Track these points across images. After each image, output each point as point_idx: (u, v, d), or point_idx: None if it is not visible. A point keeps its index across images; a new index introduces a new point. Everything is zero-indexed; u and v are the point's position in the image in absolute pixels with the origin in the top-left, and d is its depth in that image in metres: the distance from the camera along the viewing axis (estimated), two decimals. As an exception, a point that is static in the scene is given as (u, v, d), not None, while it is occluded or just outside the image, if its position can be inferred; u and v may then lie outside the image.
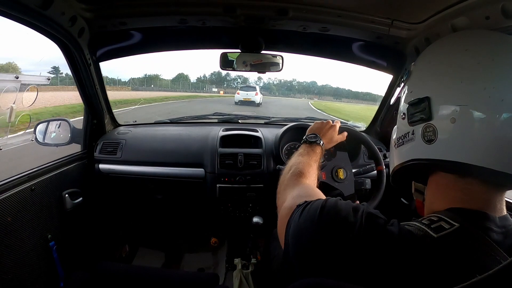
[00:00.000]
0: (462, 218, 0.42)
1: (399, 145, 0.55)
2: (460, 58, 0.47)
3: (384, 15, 1.11)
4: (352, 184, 1.22)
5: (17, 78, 1.40)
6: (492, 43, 0.47)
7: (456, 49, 0.49)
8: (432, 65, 0.52)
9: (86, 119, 1.51)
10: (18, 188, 1.03)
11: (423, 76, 0.53)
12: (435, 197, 0.50)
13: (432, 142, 0.47)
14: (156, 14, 1.15)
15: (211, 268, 1.77)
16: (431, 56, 0.54)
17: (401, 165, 0.54)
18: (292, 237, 0.48)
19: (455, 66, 0.47)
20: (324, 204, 0.47)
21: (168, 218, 1.88)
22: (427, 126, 0.48)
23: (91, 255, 1.46)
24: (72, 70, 1.29)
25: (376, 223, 0.42)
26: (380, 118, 1.67)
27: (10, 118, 1.29)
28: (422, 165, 0.50)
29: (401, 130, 0.55)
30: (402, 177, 0.58)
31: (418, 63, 0.55)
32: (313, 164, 0.81)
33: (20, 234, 1.03)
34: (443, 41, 0.54)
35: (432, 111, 0.47)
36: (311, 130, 0.98)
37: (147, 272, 1.24)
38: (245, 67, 1.37)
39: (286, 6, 1.09)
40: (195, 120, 1.95)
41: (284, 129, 1.56)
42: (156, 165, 1.50)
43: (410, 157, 0.51)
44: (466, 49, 0.47)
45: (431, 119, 0.47)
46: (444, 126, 0.46)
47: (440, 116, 0.46)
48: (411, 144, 0.51)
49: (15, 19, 0.88)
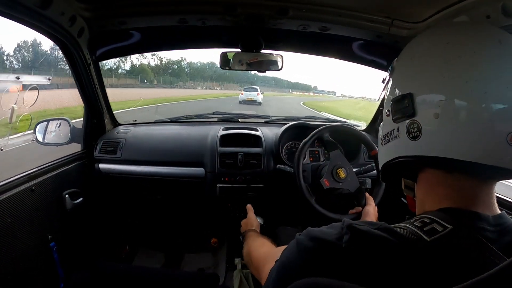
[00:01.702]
0: (455, 219, 0.41)
1: (385, 143, 0.55)
2: (441, 52, 0.46)
3: (385, 14, 1.11)
4: (355, 179, 1.23)
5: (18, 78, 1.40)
6: (473, 36, 0.46)
7: (436, 43, 0.49)
8: (414, 61, 0.51)
9: (86, 119, 1.51)
10: (18, 188, 1.03)
11: (405, 71, 0.52)
12: (425, 195, 0.49)
13: (417, 139, 0.46)
14: (155, 14, 1.15)
15: (211, 268, 1.77)
16: (412, 51, 0.53)
17: (388, 163, 0.54)
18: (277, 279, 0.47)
19: (436, 60, 0.46)
20: (299, 238, 0.47)
21: (168, 218, 1.88)
22: (412, 123, 0.47)
23: (91, 256, 1.46)
24: (72, 69, 1.29)
25: (360, 231, 0.41)
26: (380, 117, 1.66)
27: (11, 119, 1.29)
28: (409, 162, 0.49)
29: (387, 127, 0.54)
30: (391, 174, 0.57)
31: (400, 58, 0.54)
32: (258, 239, 0.93)
33: (20, 235, 1.03)
34: (424, 35, 0.53)
35: (415, 107, 0.47)
36: (242, 230, 1.09)
37: (147, 272, 1.24)
38: (245, 66, 1.37)
39: (286, 5, 1.09)
40: (195, 119, 1.95)
41: (284, 128, 1.56)
42: (156, 164, 1.50)
43: (396, 155, 0.51)
44: (447, 42, 0.46)
45: (414, 115, 0.47)
46: (428, 122, 0.45)
47: (423, 111, 0.46)
48: (397, 141, 0.51)
49: (14, 19, 0.88)
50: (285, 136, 1.56)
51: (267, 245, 0.86)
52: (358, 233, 0.41)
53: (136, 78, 25.09)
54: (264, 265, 0.70)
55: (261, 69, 1.38)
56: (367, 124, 1.82)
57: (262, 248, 0.85)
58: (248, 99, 14.05)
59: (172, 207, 1.78)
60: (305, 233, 0.48)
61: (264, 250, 0.82)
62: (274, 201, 1.57)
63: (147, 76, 27.63)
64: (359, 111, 16.99)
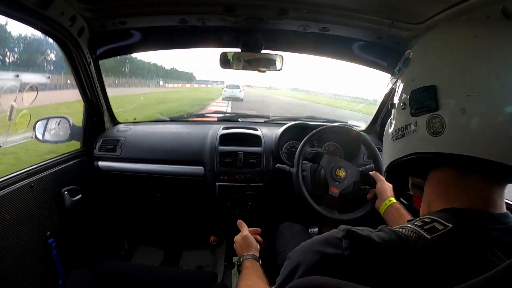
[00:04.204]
0: (457, 218, 0.41)
1: (398, 138, 0.51)
2: (469, 45, 0.44)
3: (385, 15, 1.11)
4: (354, 169, 1.23)
5: (18, 76, 1.40)
6: (502, 31, 0.45)
7: (462, 35, 0.46)
8: (437, 52, 0.48)
9: (86, 117, 1.51)
10: (17, 185, 1.03)
11: (426, 62, 0.50)
12: (436, 194, 0.48)
13: (439, 134, 0.44)
14: (156, 14, 1.15)
15: (209, 266, 1.78)
16: (433, 42, 0.50)
17: (400, 159, 0.51)
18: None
19: (464, 53, 0.44)
20: (299, 249, 0.46)
21: (167, 216, 1.88)
22: (433, 117, 0.44)
23: (90, 253, 1.47)
24: (72, 68, 1.29)
25: (361, 237, 0.41)
26: (380, 117, 1.66)
27: (10, 116, 1.29)
28: (424, 159, 0.47)
29: (400, 121, 0.51)
30: (399, 172, 0.55)
31: (419, 49, 0.52)
32: (260, 281, 0.81)
33: (19, 231, 1.04)
34: (446, 27, 0.51)
35: (439, 100, 0.44)
36: (239, 254, 0.97)
37: (146, 270, 1.25)
38: (244, 66, 1.37)
39: (286, 6, 1.09)
40: (195, 118, 1.96)
41: (284, 128, 1.56)
42: (155, 162, 1.51)
43: (413, 150, 0.48)
44: (474, 35, 0.44)
45: (438, 109, 0.44)
46: (453, 117, 0.43)
47: (448, 106, 0.43)
48: (413, 136, 0.48)
49: (15, 18, 0.88)
50: (285, 136, 1.56)
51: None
52: (359, 239, 0.40)
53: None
54: None
55: (261, 69, 1.38)
56: (367, 125, 1.81)
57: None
58: (231, 96, 14.34)
59: (171, 205, 1.78)
60: (299, 247, 0.46)
61: None
62: (273, 200, 1.58)
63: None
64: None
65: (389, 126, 0.56)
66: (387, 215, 1.00)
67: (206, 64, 35.61)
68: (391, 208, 1.00)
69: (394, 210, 0.99)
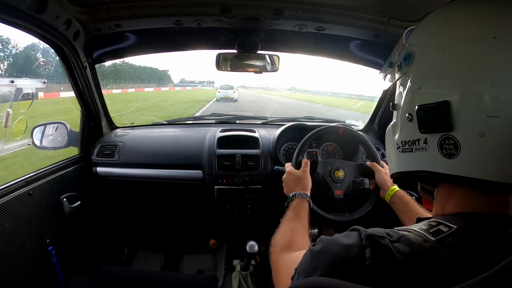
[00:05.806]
0: (467, 221, 0.39)
1: (404, 151, 0.47)
2: (487, 51, 0.37)
3: (381, 13, 1.11)
4: (351, 166, 1.23)
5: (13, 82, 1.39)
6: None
7: (481, 34, 0.38)
8: (447, 56, 0.40)
9: (83, 122, 1.50)
10: (16, 193, 1.03)
11: (435, 68, 0.42)
12: (446, 201, 0.44)
13: (453, 157, 0.39)
14: (151, 16, 1.14)
15: (210, 270, 1.77)
16: (443, 38, 0.42)
17: (408, 174, 0.48)
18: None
19: (481, 62, 0.37)
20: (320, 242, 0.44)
21: (166, 220, 1.87)
22: (446, 138, 0.39)
23: (90, 259, 1.46)
24: (68, 73, 1.28)
25: (382, 247, 0.38)
26: (378, 116, 1.66)
27: (6, 123, 1.28)
28: (436, 174, 0.42)
29: (407, 134, 0.46)
30: (407, 178, 0.51)
31: (424, 45, 0.45)
32: (300, 228, 0.82)
33: (18, 239, 1.03)
34: (458, 14, 0.41)
35: (453, 119, 0.38)
36: (288, 191, 1.05)
37: (146, 275, 1.24)
38: (241, 67, 1.36)
39: (282, 5, 1.09)
40: (193, 121, 1.95)
41: (282, 129, 1.55)
42: (154, 167, 1.50)
43: (423, 168, 0.44)
44: (494, 36, 0.36)
45: (451, 129, 0.39)
46: (471, 140, 0.38)
47: (464, 128, 0.38)
48: (423, 153, 0.43)
49: (9, 24, 0.87)
50: (283, 137, 1.56)
51: (296, 243, 0.75)
52: (381, 248, 0.38)
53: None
54: (282, 272, 0.65)
55: (258, 70, 1.38)
56: (365, 124, 1.81)
57: (295, 248, 0.73)
58: (226, 97, 14.47)
59: (171, 209, 1.77)
60: (321, 246, 0.44)
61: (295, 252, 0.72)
62: (272, 202, 1.57)
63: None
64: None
65: (392, 131, 0.52)
66: (392, 204, 1.03)
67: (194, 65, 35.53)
68: (395, 197, 1.03)
69: (397, 199, 1.01)
